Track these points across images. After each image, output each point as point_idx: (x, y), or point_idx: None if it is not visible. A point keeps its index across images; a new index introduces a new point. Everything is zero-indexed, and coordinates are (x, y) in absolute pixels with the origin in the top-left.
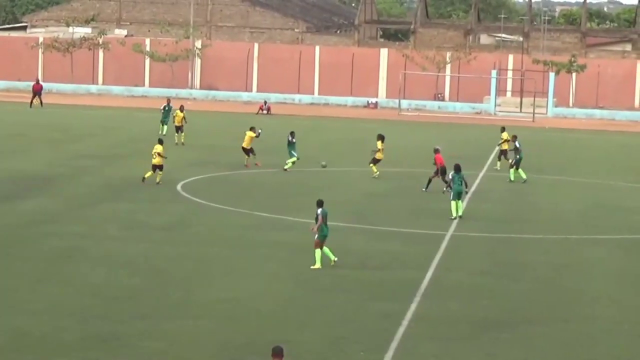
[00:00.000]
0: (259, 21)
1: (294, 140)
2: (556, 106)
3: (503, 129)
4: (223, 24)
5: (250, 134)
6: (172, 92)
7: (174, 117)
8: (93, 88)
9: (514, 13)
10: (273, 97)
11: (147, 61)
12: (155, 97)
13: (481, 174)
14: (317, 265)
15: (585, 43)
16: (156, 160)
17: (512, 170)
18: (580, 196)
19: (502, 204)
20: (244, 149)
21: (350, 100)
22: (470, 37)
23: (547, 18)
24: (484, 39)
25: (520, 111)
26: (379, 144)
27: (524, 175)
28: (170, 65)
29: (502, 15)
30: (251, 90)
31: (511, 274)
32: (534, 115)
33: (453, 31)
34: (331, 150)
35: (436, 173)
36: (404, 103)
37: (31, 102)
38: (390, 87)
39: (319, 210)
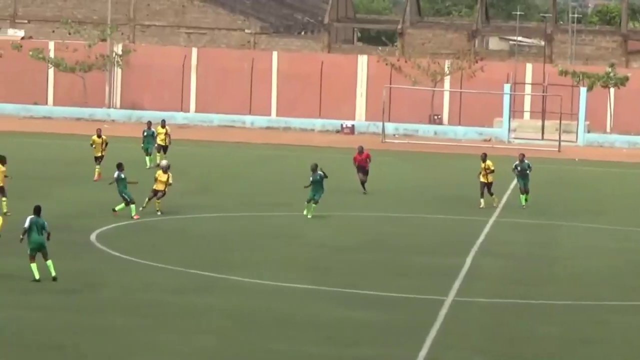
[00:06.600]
0: (198, 19)
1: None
2: (589, 131)
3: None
4: (151, 23)
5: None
6: (84, 112)
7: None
8: None
9: (533, 9)
10: (216, 120)
11: (51, 71)
12: (62, 118)
13: (491, 220)
14: None
15: (627, 49)
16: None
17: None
18: (615, 248)
19: (514, 260)
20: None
21: (318, 123)
22: (476, 41)
23: (577, 16)
24: (494, 43)
25: (542, 138)
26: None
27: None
28: (82, 76)
29: (518, 12)
30: (188, 110)
31: (513, 352)
32: (559, 143)
33: (453, 33)
34: (283, 187)
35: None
36: (390, 127)
37: None
38: (371, 106)
39: None
